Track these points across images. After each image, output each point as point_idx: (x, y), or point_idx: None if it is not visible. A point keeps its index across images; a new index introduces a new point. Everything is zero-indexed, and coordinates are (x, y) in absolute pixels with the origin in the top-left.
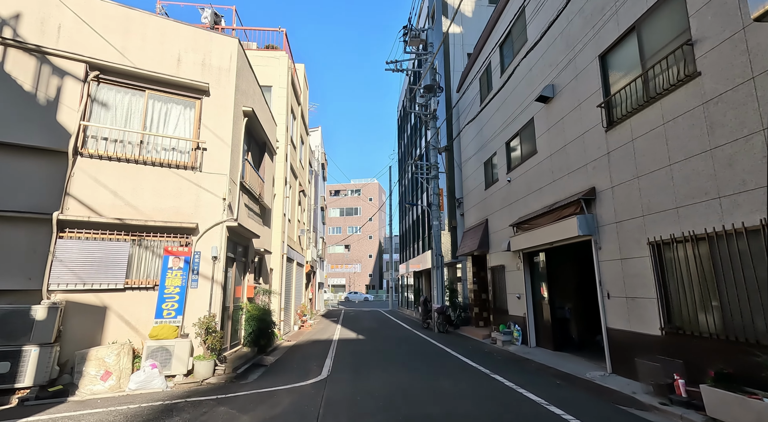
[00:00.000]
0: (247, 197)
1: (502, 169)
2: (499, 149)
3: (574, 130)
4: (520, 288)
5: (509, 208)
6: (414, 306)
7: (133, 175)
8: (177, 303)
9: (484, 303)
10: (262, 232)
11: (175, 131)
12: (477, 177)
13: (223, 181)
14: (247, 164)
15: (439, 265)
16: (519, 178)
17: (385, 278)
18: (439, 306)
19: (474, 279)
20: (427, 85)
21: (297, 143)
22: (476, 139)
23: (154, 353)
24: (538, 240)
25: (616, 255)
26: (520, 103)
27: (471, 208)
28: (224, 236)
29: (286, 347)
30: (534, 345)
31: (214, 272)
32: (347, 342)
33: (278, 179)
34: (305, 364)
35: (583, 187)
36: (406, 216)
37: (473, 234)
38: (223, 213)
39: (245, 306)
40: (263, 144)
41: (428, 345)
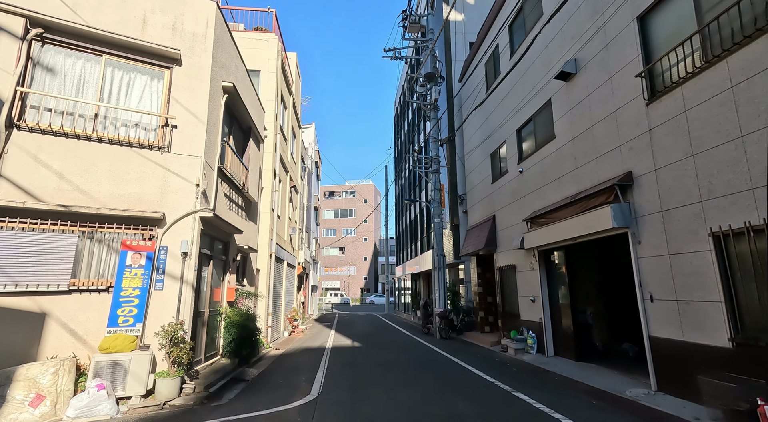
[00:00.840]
0: (227, 186)
1: (512, 160)
2: (508, 138)
3: (603, 108)
4: (534, 290)
5: (521, 202)
6: (412, 309)
7: (86, 155)
8: (136, 308)
9: (490, 307)
10: (247, 228)
11: (139, 105)
12: (482, 170)
13: (196, 164)
14: (227, 149)
15: (441, 266)
16: (533, 168)
17: (380, 281)
18: (442, 310)
19: (479, 280)
20: (427, 73)
21: (288, 135)
22: (481, 129)
23: (104, 370)
24: (557, 235)
25: (661, 250)
26: (534, 85)
27: (475, 204)
28: (197, 228)
29: (273, 356)
30: (552, 353)
31: (184, 271)
32: (342, 351)
33: (266, 171)
34: (293, 379)
35: (615, 172)
36: (402, 216)
37: (478, 232)
38: (196, 201)
39: (225, 311)
40: (248, 129)
41: (432, 353)
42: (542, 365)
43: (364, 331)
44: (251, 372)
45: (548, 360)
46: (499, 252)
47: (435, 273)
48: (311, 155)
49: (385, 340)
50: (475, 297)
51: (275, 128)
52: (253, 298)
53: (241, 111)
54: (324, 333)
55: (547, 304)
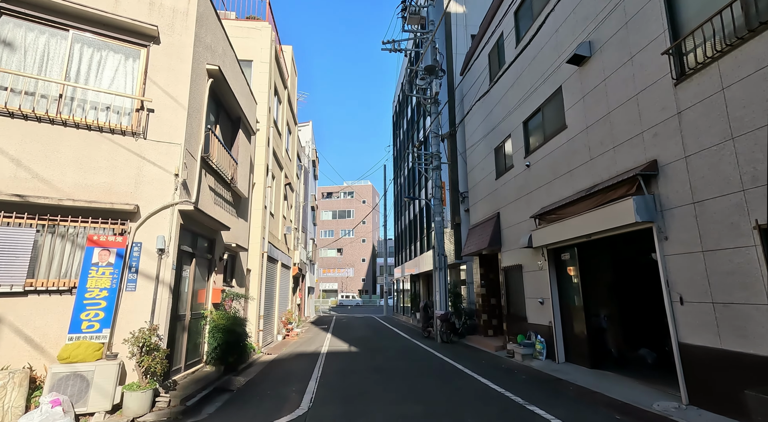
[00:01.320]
0: (213, 179)
1: (518, 154)
2: (514, 130)
3: (622, 93)
4: (543, 291)
5: (528, 198)
6: (411, 312)
7: (48, 139)
8: (103, 311)
9: (494, 310)
10: (236, 225)
11: (111, 86)
12: (485, 166)
13: (175, 152)
14: (213, 138)
15: (442, 266)
16: (541, 162)
17: (378, 283)
18: (443, 313)
19: (482, 281)
20: (428, 66)
21: (282, 130)
22: (485, 123)
23: (63, 383)
24: (569, 232)
25: (693, 246)
26: (542, 72)
27: (478, 201)
28: (176, 223)
29: (264, 362)
30: (562, 360)
31: (160, 270)
32: (337, 356)
33: (259, 166)
34: (282, 389)
35: (637, 161)
36: (401, 216)
37: (481, 230)
38: (175, 193)
39: (209, 315)
40: (237, 119)
41: (434, 359)
42: (553, 372)
43: (362, 335)
44: (238, 380)
45: (559, 367)
46: (504, 251)
47: (436, 274)
48: (308, 154)
49: (384, 345)
50: (477, 299)
51: (268, 121)
52: (242, 300)
53: (228, 99)
54: (320, 337)
55: (557, 307)
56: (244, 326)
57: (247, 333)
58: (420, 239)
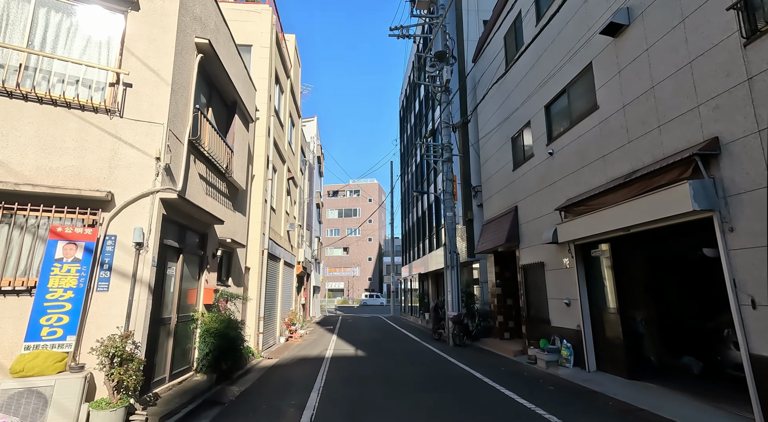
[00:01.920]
0: (204, 167)
1: (538, 141)
2: (534, 117)
3: (671, 62)
4: (570, 291)
5: (551, 189)
6: (420, 312)
7: (5, 115)
8: (68, 315)
9: (510, 311)
10: (232, 219)
11: (83, 56)
12: (501, 157)
13: (156, 133)
14: (204, 122)
15: (455, 265)
16: (566, 148)
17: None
18: (456, 314)
19: (497, 281)
20: (438, 52)
21: (285, 121)
22: (500, 111)
23: (14, 401)
24: (603, 225)
25: None
26: (567, 50)
27: (493, 195)
28: (157, 214)
29: (263, 368)
30: (593, 368)
31: (137, 267)
32: (343, 361)
33: (258, 157)
34: (280, 401)
35: (691, 140)
36: (409, 213)
37: (497, 226)
38: (156, 179)
39: (200, 317)
40: (233, 104)
41: (447, 365)
42: (585, 383)
43: (369, 337)
44: (231, 390)
45: (591, 377)
46: (523, 248)
47: (447, 273)
48: (313, 150)
49: (392, 348)
50: (492, 300)
51: (268, 110)
52: (238, 301)
53: (222, 80)
54: (325, 339)
55: (587, 308)
56: (239, 329)
57: (243, 337)
58: (429, 237)
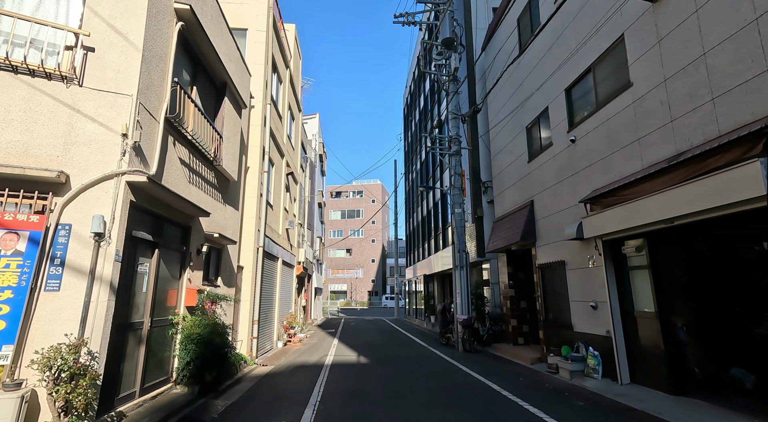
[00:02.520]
0: (186, 151)
1: (558, 128)
2: (552, 102)
3: (728, 23)
4: (597, 293)
5: (574, 180)
6: (425, 315)
7: None
8: (5, 320)
9: (524, 314)
10: (221, 212)
11: (36, 13)
12: (514, 148)
13: (123, 105)
14: (186, 100)
15: (464, 264)
16: (592, 134)
17: (388, 284)
18: (466, 318)
19: (509, 282)
20: (446, 39)
21: (284, 113)
22: (512, 99)
23: None
24: (641, 217)
25: None
26: (593, 24)
27: (505, 190)
28: (123, 200)
29: (256, 377)
30: (627, 380)
31: (97, 262)
32: (343, 370)
33: (253, 147)
34: (268, 421)
35: (759, 111)
36: (413, 213)
37: (510, 223)
38: (123, 159)
39: (181, 322)
40: (222, 85)
41: (459, 374)
42: (620, 398)
43: (372, 341)
44: (215, 405)
45: (625, 390)
46: (540, 245)
47: (456, 274)
48: (315, 147)
49: (398, 354)
50: (504, 302)
51: (264, 98)
52: (230, 303)
53: (209, 57)
54: (325, 343)
55: (618, 312)
56: (226, 335)
57: (231, 343)
58: (435, 236)
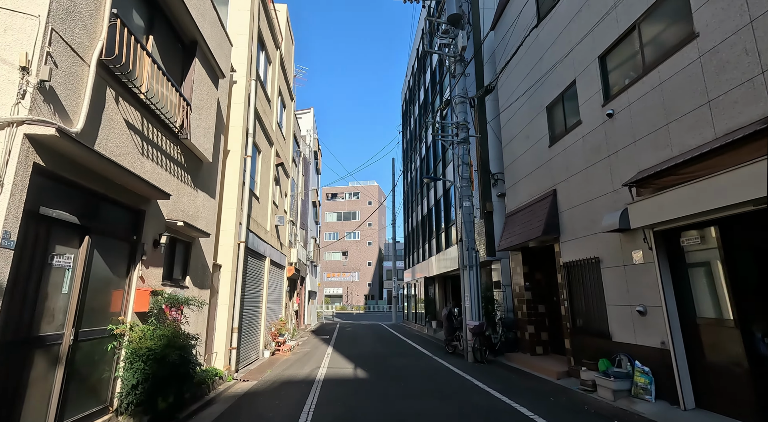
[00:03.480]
0: (137, 114)
1: (589, 103)
2: (581, 74)
3: None
4: (646, 295)
5: (611, 161)
6: (426, 320)
7: None
8: None
9: (542, 320)
10: (191, 198)
11: None
12: (531, 133)
13: (25, 29)
14: (140, 51)
15: (474, 264)
16: (637, 104)
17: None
18: (477, 324)
19: (525, 283)
20: (452, 15)
21: (273, 98)
22: (529, 77)
23: None
24: (718, 198)
25: None
26: None
27: (520, 180)
28: (16, 158)
29: (231, 397)
30: (691, 404)
31: None
32: (338, 387)
33: (235, 128)
34: None
35: None
36: (412, 213)
37: (527, 216)
38: (21, 103)
39: (127, 332)
40: (192, 44)
41: (478, 394)
42: None
43: (371, 350)
44: None
45: (692, 418)
46: (566, 241)
47: (465, 275)
48: (309, 143)
49: (400, 365)
50: (519, 306)
51: (249, 73)
52: (198, 307)
53: (172, 3)
54: (318, 352)
55: (676, 319)
56: (189, 348)
57: (196, 358)
58: (436, 236)
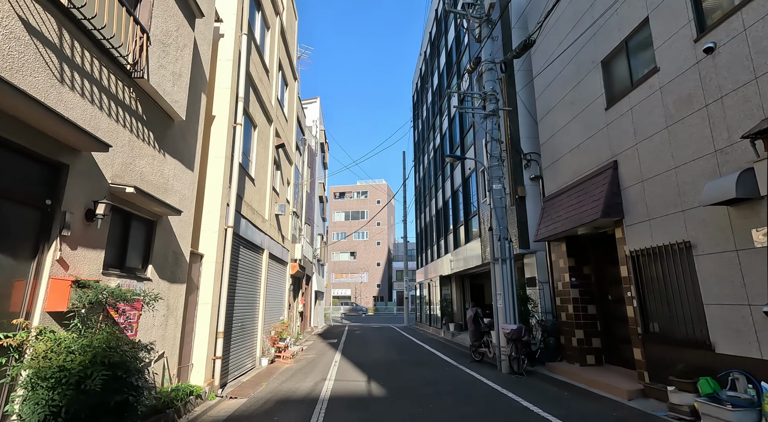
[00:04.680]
0: (50, 19)
1: (672, 44)
2: (658, 7)
3: None
4: None
5: (710, 112)
6: (442, 322)
7: None
8: None
9: (593, 324)
10: (154, 162)
11: None
12: (579, 97)
13: None
14: None
15: (507, 256)
16: (759, 26)
17: (395, 288)
18: (514, 328)
19: (571, 279)
20: None
21: (272, 68)
22: (576, 30)
23: None
24: None
25: None
26: None
27: (563, 156)
28: None
29: None
30: None
31: None
32: (348, 410)
33: (222, 90)
34: None
35: None
36: (425, 209)
37: (574, 198)
38: None
39: (32, 342)
40: None
41: (526, 417)
42: None
43: (384, 357)
44: None
45: None
46: (633, 223)
47: (497, 269)
48: (315, 134)
49: (423, 378)
50: (563, 307)
51: (239, 26)
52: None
53: None
54: (325, 360)
55: None
56: (131, 365)
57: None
58: (454, 231)
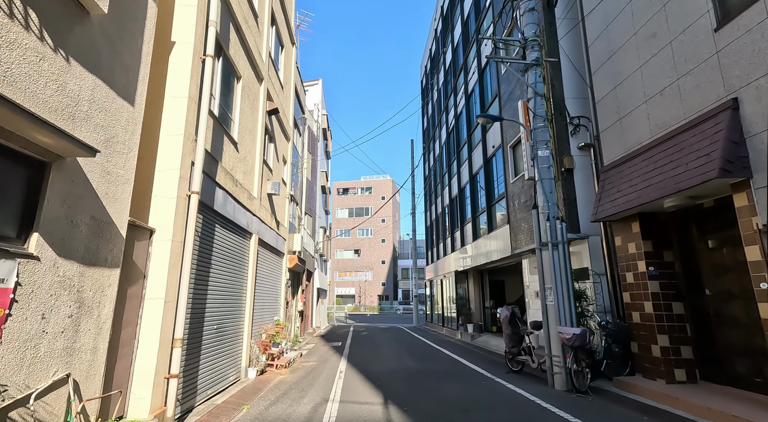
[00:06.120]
0: None
1: None
2: None
3: None
4: None
5: None
6: (458, 322)
7: None
8: None
9: (683, 327)
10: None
11: None
12: (665, 25)
13: None
14: None
15: (560, 239)
16: None
17: (400, 287)
18: (577, 333)
19: (649, 269)
20: None
21: (262, 15)
22: None
23: None
24: None
25: None
26: None
27: (634, 109)
28: None
29: None
30: None
31: None
32: None
33: (185, 7)
34: None
35: None
36: (436, 199)
37: (657, 160)
38: None
39: None
40: None
41: None
42: None
43: (399, 366)
44: None
45: None
46: (766, 185)
47: (545, 257)
48: (317, 119)
49: (457, 398)
50: (639, 305)
51: None
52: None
53: None
54: (327, 370)
55: None
56: None
57: None
58: (473, 220)
